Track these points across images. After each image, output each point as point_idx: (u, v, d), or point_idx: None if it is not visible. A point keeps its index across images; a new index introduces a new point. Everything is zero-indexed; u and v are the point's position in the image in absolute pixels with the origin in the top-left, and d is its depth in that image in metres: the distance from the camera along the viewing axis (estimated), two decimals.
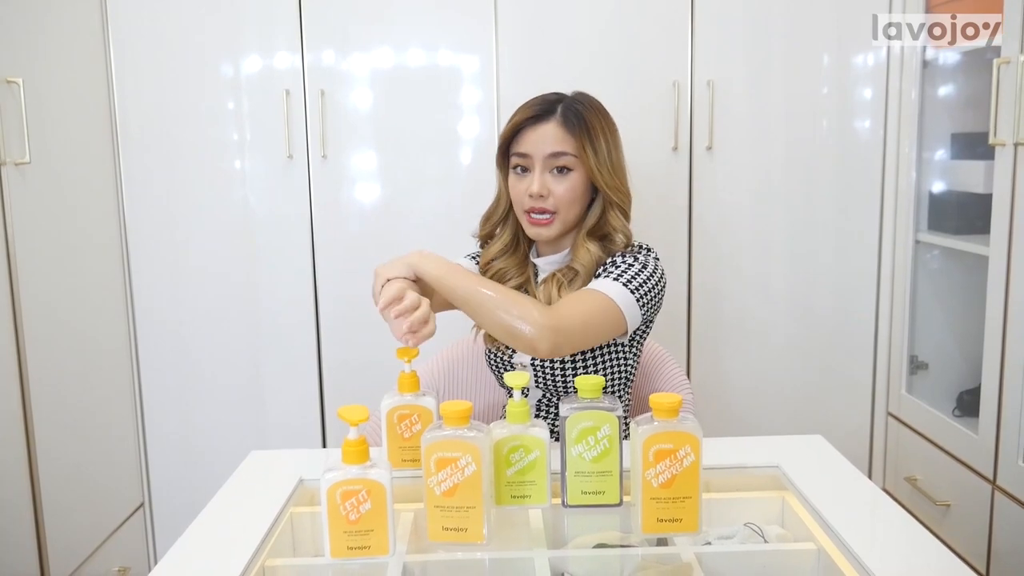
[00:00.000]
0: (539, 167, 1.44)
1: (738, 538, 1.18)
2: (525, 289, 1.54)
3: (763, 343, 2.43)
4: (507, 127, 1.48)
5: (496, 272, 1.55)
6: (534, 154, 1.44)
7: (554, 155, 1.43)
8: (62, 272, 2.05)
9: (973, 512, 2.01)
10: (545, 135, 1.44)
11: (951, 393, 2.27)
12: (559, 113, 1.45)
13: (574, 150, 1.44)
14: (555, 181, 1.44)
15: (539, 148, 1.44)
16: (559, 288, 1.47)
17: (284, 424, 2.41)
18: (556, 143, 1.43)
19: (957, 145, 2.25)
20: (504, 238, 1.56)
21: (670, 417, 1.06)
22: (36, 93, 1.92)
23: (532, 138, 1.45)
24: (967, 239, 2.10)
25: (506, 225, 1.56)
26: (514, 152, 1.47)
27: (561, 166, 1.44)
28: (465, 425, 1.06)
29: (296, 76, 2.27)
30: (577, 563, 1.10)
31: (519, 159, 1.46)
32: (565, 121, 1.44)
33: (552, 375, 1.49)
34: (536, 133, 1.44)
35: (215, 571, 1.04)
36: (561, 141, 1.43)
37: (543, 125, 1.44)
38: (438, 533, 1.08)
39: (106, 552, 2.18)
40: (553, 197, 1.44)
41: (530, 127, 1.45)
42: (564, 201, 1.45)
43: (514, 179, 1.48)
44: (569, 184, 1.45)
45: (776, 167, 2.36)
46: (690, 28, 2.28)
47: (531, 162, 1.45)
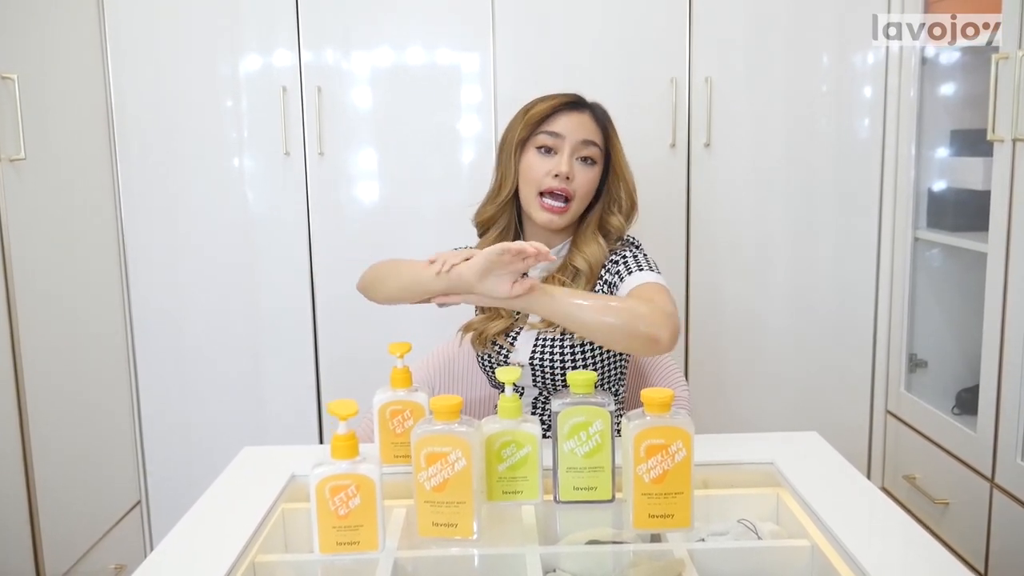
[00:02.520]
0: (568, 150, 1.45)
1: (731, 535, 1.17)
2: None
3: (761, 341, 2.42)
4: (541, 107, 1.47)
5: None
6: (568, 136, 1.46)
7: (586, 142, 1.46)
8: (58, 269, 2.05)
9: (972, 510, 2.00)
10: (582, 122, 1.47)
11: (950, 391, 2.26)
12: (590, 108, 1.50)
13: (602, 143, 1.49)
14: (580, 169, 1.47)
15: (574, 132, 1.46)
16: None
17: (282, 420, 2.41)
18: (589, 131, 1.47)
19: (956, 142, 2.24)
20: (501, 224, 1.55)
21: (662, 412, 1.05)
22: (31, 89, 1.91)
23: (568, 121, 1.46)
24: (966, 236, 2.08)
25: (505, 212, 1.54)
26: (546, 130, 1.47)
27: (587, 156, 1.47)
28: (455, 420, 1.05)
29: (293, 73, 2.27)
30: (569, 559, 1.09)
31: (549, 138, 1.46)
32: (595, 117, 1.50)
33: (551, 372, 1.48)
34: (572, 118, 1.47)
35: (204, 567, 1.04)
36: (593, 132, 1.48)
37: (577, 113, 1.48)
38: (428, 528, 1.07)
39: (102, 549, 2.18)
40: (575, 183, 1.46)
41: (565, 112, 1.47)
42: (583, 191, 1.47)
43: (535, 158, 1.47)
44: (592, 175, 1.48)
45: (775, 164, 2.35)
46: (688, 24, 2.27)
47: (561, 144, 1.46)
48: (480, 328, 1.54)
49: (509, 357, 1.52)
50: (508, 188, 1.51)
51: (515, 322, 1.53)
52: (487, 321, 1.54)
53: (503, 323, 1.52)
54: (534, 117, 1.47)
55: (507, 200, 1.52)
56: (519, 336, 1.52)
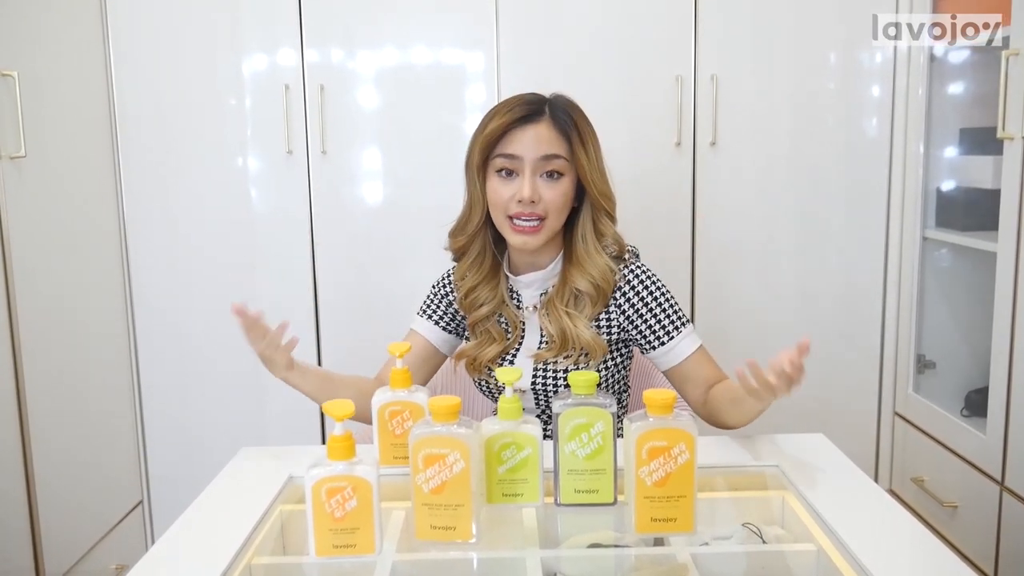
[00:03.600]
0: (529, 170, 1.36)
1: (736, 539, 1.15)
2: (500, 315, 1.48)
3: (767, 342, 2.39)
4: (492, 127, 1.36)
5: (471, 300, 1.48)
6: (525, 156, 1.36)
7: (546, 158, 1.36)
8: (59, 268, 2.04)
9: (981, 513, 1.97)
10: (538, 136, 1.36)
11: (959, 392, 2.23)
12: (548, 114, 1.38)
13: (566, 153, 1.38)
14: (545, 186, 1.37)
15: (530, 150, 1.36)
16: (570, 318, 1.41)
17: (284, 421, 2.40)
18: (549, 145, 1.36)
19: (966, 140, 2.21)
20: (475, 250, 1.47)
21: (664, 413, 1.03)
22: (32, 86, 1.90)
23: (522, 139, 1.36)
24: (976, 236, 2.06)
25: (478, 237, 1.46)
26: (500, 153, 1.37)
27: (552, 170, 1.37)
28: (454, 421, 1.03)
29: (296, 72, 2.25)
30: (570, 563, 1.08)
31: (506, 161, 1.37)
32: (555, 122, 1.38)
33: (553, 379, 1.44)
34: (526, 134, 1.36)
35: (199, 568, 1.02)
36: (553, 143, 1.37)
37: (533, 126, 1.36)
38: (426, 531, 1.05)
39: (103, 550, 2.17)
40: (544, 202, 1.37)
41: (519, 128, 1.36)
42: (555, 207, 1.37)
43: (497, 183, 1.38)
44: (561, 189, 1.38)
45: (781, 163, 2.33)
46: (693, 22, 2.25)
47: (520, 165, 1.36)
48: (473, 355, 1.49)
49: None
50: (478, 215, 1.43)
51: (507, 347, 1.48)
52: (480, 347, 1.48)
53: (496, 348, 1.47)
54: (488, 139, 1.37)
55: (479, 227, 1.44)
56: (515, 361, 1.47)
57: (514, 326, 1.48)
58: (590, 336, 1.40)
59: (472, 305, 1.48)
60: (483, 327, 1.49)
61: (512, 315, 1.48)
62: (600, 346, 1.41)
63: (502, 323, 1.49)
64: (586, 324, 1.41)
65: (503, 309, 1.48)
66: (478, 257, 1.48)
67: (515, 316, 1.48)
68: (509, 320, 1.48)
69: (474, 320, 1.49)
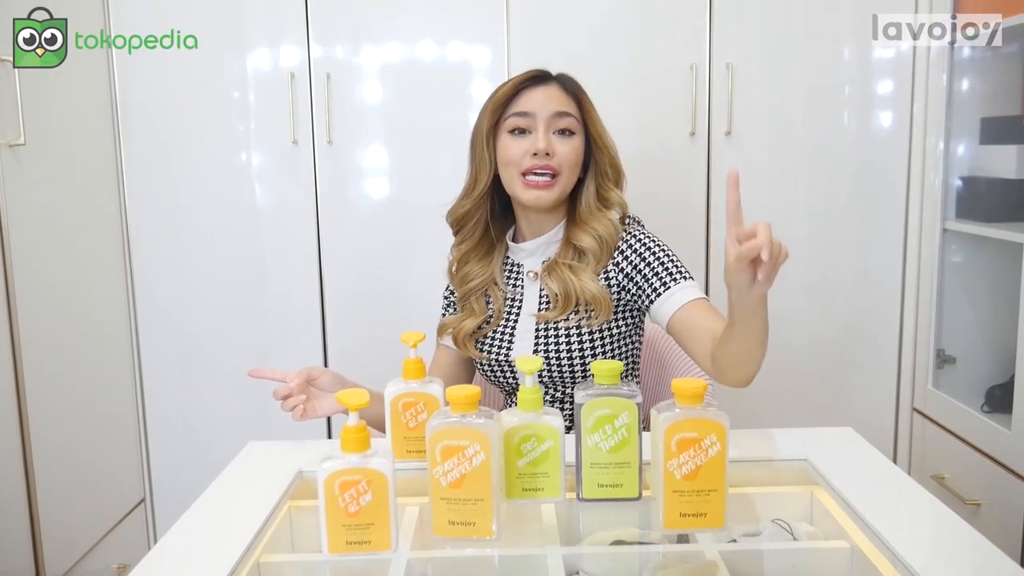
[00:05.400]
0: (542, 126, 1.39)
1: (765, 535, 1.10)
2: (486, 290, 1.49)
3: (784, 336, 2.34)
4: (504, 89, 1.42)
5: (462, 275, 1.50)
6: (538, 112, 1.39)
7: (559, 114, 1.40)
8: (59, 261, 1.99)
9: (1005, 511, 1.92)
10: (550, 95, 1.41)
11: (979, 388, 2.18)
12: (556, 79, 1.44)
13: (576, 113, 1.42)
14: (559, 141, 1.40)
15: (544, 107, 1.40)
16: (574, 272, 1.41)
17: (289, 420, 2.32)
18: (559, 103, 1.41)
19: (987, 130, 2.16)
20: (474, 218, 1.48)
21: (694, 403, 0.99)
22: (32, 73, 1.85)
23: (536, 97, 1.40)
24: (998, 226, 2.01)
25: (480, 208, 1.47)
26: (514, 112, 1.41)
27: (563, 128, 1.40)
28: (473, 411, 0.98)
29: (302, 65, 2.21)
30: (593, 561, 1.03)
31: (520, 119, 1.40)
32: (564, 87, 1.43)
33: (559, 365, 1.41)
34: (539, 93, 1.41)
35: (205, 567, 0.97)
36: (563, 102, 1.41)
37: (544, 87, 1.42)
38: (444, 527, 1.01)
39: (105, 548, 2.13)
40: (557, 156, 1.39)
41: (530, 87, 1.41)
42: (568, 163, 1.40)
43: (510, 141, 1.41)
44: (573, 146, 1.41)
45: (798, 153, 2.28)
46: (708, 9, 2.20)
47: (533, 122, 1.40)
48: (452, 326, 1.50)
49: (510, 355, 1.45)
50: (485, 179, 1.44)
51: (489, 317, 1.48)
52: (460, 320, 1.49)
53: (474, 321, 1.47)
54: (499, 100, 1.42)
55: (483, 193, 1.46)
56: (516, 331, 1.46)
57: (498, 308, 1.48)
58: (596, 288, 1.40)
59: (463, 280, 1.50)
60: (467, 302, 1.50)
61: (498, 296, 1.48)
62: (605, 298, 1.40)
63: (488, 303, 1.50)
64: (591, 276, 1.41)
65: (491, 288, 1.49)
66: (475, 226, 1.49)
67: (500, 296, 1.48)
68: (494, 299, 1.49)
69: (463, 294, 1.51)
